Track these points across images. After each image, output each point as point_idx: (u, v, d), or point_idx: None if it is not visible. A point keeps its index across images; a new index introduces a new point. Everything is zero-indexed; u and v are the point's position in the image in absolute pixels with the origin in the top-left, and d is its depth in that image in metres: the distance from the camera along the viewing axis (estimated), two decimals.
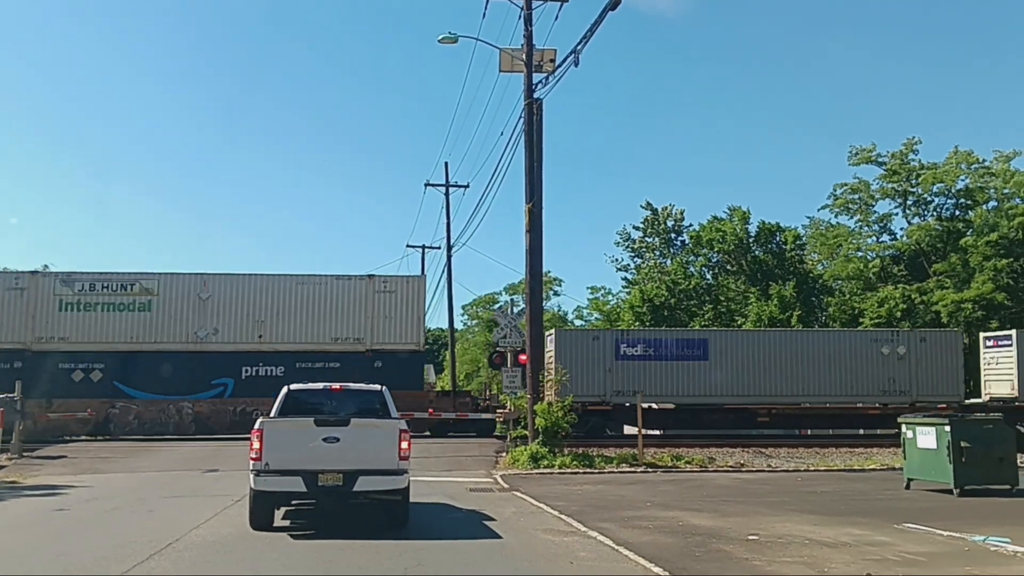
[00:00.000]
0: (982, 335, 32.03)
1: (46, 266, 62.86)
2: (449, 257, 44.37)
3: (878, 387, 28.78)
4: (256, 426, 11.73)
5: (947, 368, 29.85)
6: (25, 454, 23.35)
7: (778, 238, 54.70)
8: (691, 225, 59.78)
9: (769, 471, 21.28)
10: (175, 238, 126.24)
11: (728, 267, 55.64)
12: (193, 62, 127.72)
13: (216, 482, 18.35)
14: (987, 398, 29.47)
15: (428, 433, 28.47)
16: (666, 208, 60.99)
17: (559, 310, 69.13)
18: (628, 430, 27.95)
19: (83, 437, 28.57)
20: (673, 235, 60.84)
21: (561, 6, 22.82)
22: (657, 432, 28.19)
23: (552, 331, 29.38)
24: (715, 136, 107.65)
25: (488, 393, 36.69)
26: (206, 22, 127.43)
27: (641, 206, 61.68)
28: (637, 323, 50.33)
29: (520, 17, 23.18)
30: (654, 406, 28.38)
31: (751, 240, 54.72)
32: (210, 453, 24.08)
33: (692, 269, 56.83)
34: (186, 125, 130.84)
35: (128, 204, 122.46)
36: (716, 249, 54.99)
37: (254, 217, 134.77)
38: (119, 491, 17.07)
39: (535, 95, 23.02)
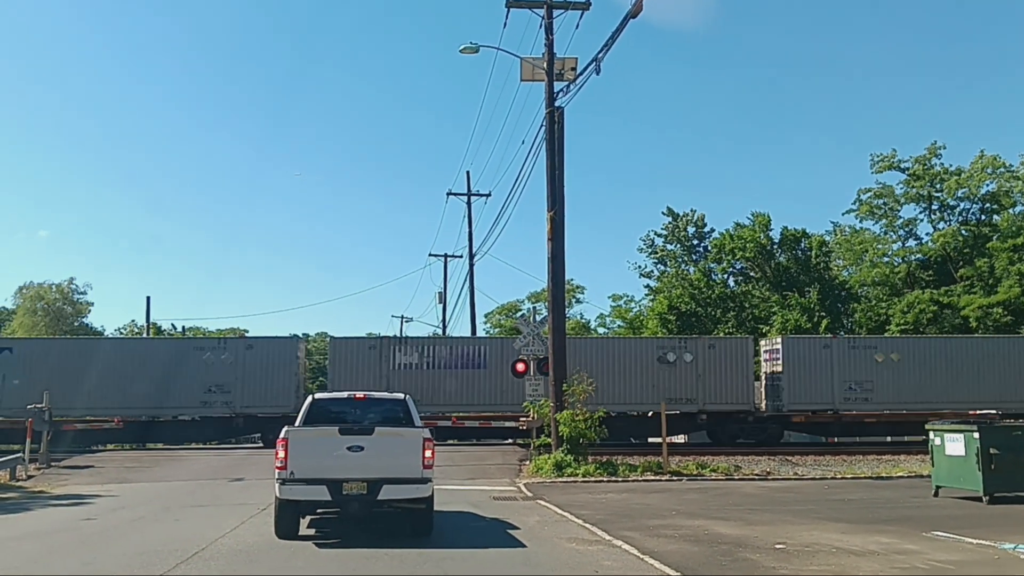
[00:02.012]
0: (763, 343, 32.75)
1: (72, 279, 64.06)
2: (471, 265, 44.47)
3: (664, 395, 28.53)
4: (281, 435, 11.79)
5: (736, 375, 30.20)
6: (53, 464, 23.60)
7: (803, 244, 54.37)
8: (713, 231, 59.57)
9: (796, 479, 21.10)
10: (206, 254, 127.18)
11: (752, 274, 55.33)
12: (217, 80, 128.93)
13: (242, 491, 18.44)
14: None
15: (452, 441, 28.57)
16: (687, 214, 60.80)
17: (582, 318, 69.00)
18: None
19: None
20: (695, 241, 60.61)
21: (582, 15, 22.83)
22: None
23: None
24: (736, 143, 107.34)
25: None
26: (233, 45, 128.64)
27: (662, 212, 61.60)
28: (663, 331, 50.00)
29: (541, 26, 23.22)
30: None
31: (775, 247, 54.39)
32: (236, 462, 24.20)
33: (715, 277, 56.54)
34: (207, 138, 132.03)
35: (163, 227, 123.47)
36: (738, 257, 54.69)
37: (278, 231, 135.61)
38: (146, 500, 17.19)
39: (556, 103, 23.03)
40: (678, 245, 60.97)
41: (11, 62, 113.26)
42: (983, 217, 49.02)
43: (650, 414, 29.54)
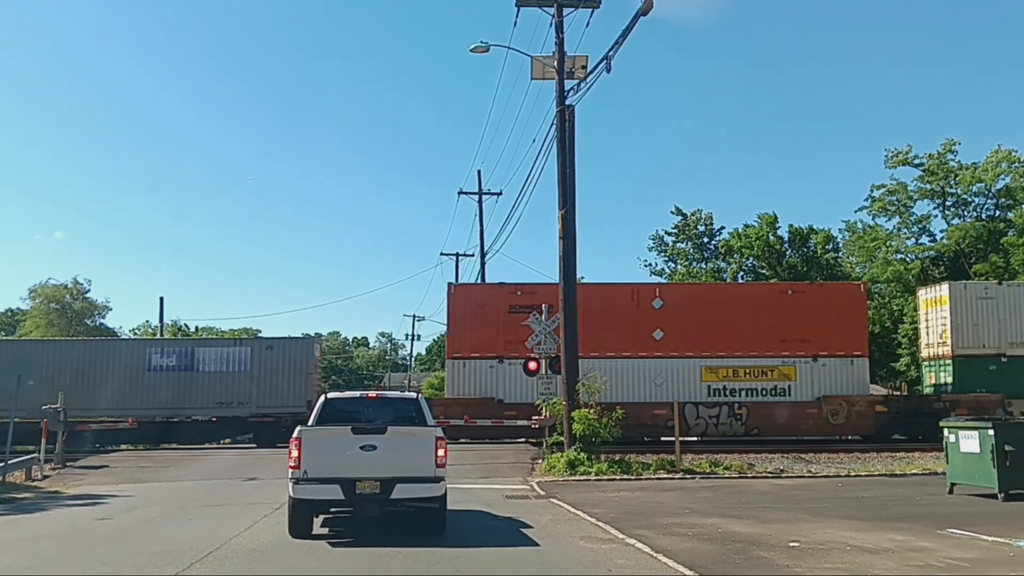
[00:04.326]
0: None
1: (75, 279, 64.29)
2: (483, 264, 44.44)
3: (214, 399, 28.78)
4: (295, 435, 11.84)
5: (294, 378, 30.49)
6: (68, 464, 23.73)
7: (811, 242, 54.12)
8: (722, 228, 59.45)
9: (809, 476, 21.02)
10: (220, 255, 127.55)
11: (762, 272, 55.17)
12: (231, 83, 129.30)
13: (255, 491, 18.50)
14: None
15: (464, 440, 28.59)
16: (695, 213, 60.74)
17: None
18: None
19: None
20: (705, 239, 60.51)
21: (592, 13, 22.77)
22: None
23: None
24: (747, 139, 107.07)
25: None
26: (247, 49, 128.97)
27: (671, 211, 61.51)
28: None
29: (551, 25, 23.19)
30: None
31: (784, 245, 54.20)
32: (250, 462, 24.30)
33: (725, 276, 56.37)
34: (220, 140, 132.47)
35: (178, 228, 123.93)
36: (747, 256, 54.53)
37: (290, 232, 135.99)
38: (160, 500, 17.27)
39: (567, 102, 23.01)
40: (688, 243, 60.89)
41: (31, 67, 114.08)
42: (998, 213, 48.73)
43: None
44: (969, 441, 16.39)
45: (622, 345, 29.98)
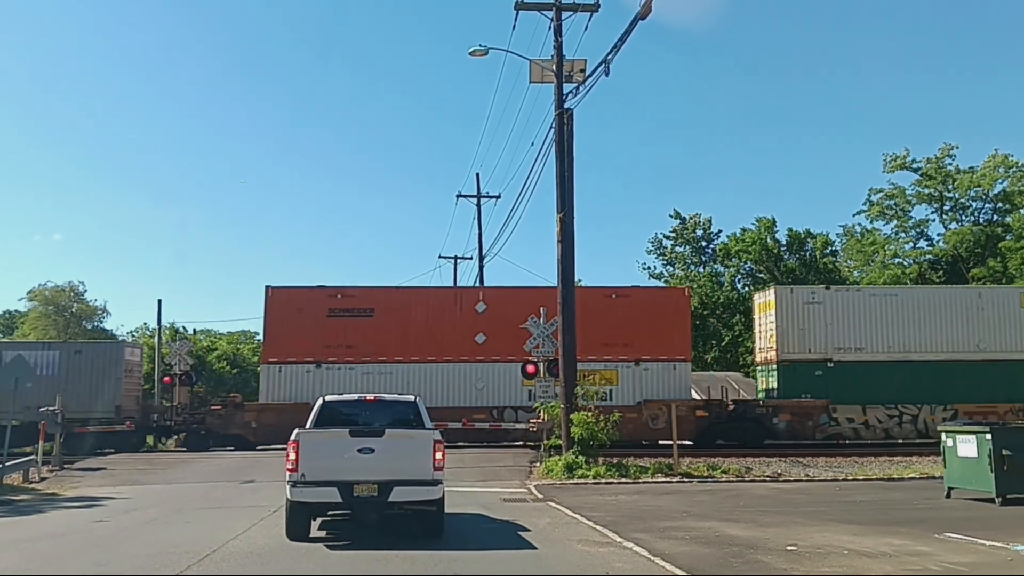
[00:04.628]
0: None
1: (71, 282, 64.12)
2: (481, 267, 44.46)
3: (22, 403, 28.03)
4: (292, 437, 11.82)
5: (103, 383, 29.84)
6: (66, 466, 23.70)
7: (809, 246, 54.19)
8: (720, 232, 59.48)
9: (807, 480, 21.05)
10: (220, 257, 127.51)
11: (760, 276, 55.20)
12: (230, 84, 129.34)
13: (253, 493, 18.49)
14: None
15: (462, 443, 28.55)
16: (694, 216, 60.74)
17: None
18: None
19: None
20: (703, 243, 60.50)
21: (591, 17, 22.84)
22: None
23: None
24: (745, 142, 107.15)
25: None
26: (246, 51, 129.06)
27: (669, 215, 61.51)
28: None
29: (550, 28, 23.22)
30: None
31: (782, 249, 54.23)
32: (247, 464, 24.27)
33: (723, 280, 56.39)
34: (219, 142, 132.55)
35: (178, 229, 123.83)
36: (744, 260, 54.56)
37: (290, 231, 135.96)
38: (158, 502, 17.26)
39: (565, 105, 23.04)
40: (687, 247, 60.88)
41: (31, 67, 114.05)
42: (995, 217, 48.80)
43: None
44: (967, 445, 16.40)
45: (443, 349, 29.93)
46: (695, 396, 31.74)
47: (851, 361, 29.84)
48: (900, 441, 29.81)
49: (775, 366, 30.44)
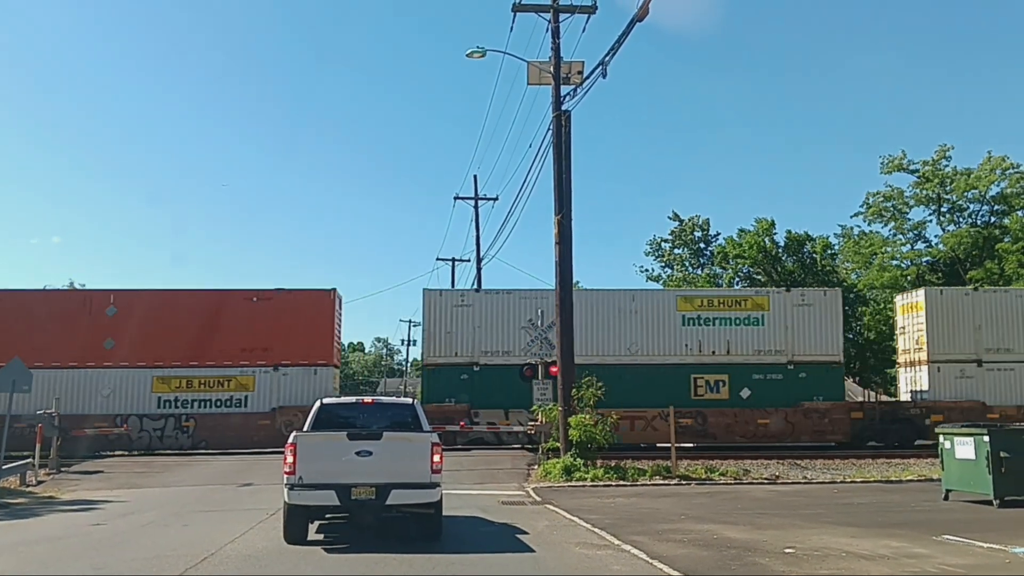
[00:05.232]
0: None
1: (70, 283, 64.17)
2: (479, 269, 44.44)
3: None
4: (290, 440, 11.80)
5: None
6: (63, 469, 23.67)
7: (807, 248, 54.18)
8: (718, 235, 59.47)
9: (805, 483, 21.04)
10: (221, 257, 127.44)
11: (758, 278, 55.20)
12: (231, 86, 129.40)
13: (251, 496, 18.47)
14: None
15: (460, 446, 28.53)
16: (692, 218, 60.76)
17: None
18: None
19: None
20: (702, 245, 60.53)
21: (588, 18, 22.86)
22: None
23: None
24: (743, 145, 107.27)
25: None
26: (247, 52, 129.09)
27: (668, 217, 61.56)
28: None
29: (548, 30, 23.24)
30: None
31: (780, 251, 54.22)
32: (245, 467, 24.26)
33: (721, 283, 56.38)
34: (220, 144, 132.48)
35: (177, 229, 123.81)
36: (742, 264, 54.55)
37: (288, 233, 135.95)
38: (155, 505, 17.23)
39: (563, 107, 23.05)
40: (685, 249, 60.91)
41: (31, 67, 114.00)
42: (992, 219, 48.86)
43: None
44: (964, 448, 16.40)
45: (71, 355, 29.23)
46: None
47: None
48: None
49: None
